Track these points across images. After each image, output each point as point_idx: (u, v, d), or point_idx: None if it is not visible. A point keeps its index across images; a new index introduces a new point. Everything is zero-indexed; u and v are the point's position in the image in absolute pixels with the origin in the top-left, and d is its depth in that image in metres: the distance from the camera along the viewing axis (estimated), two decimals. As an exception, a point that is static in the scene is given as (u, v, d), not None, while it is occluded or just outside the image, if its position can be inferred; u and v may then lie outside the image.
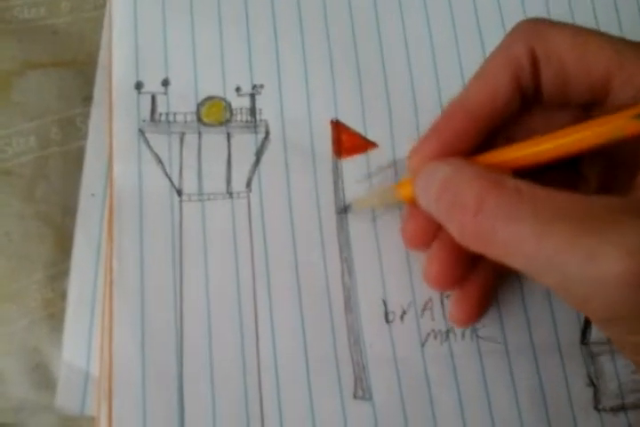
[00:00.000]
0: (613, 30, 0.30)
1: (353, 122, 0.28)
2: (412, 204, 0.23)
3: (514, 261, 0.19)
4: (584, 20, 0.30)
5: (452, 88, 0.29)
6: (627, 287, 0.17)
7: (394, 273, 0.26)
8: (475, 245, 0.20)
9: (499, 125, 0.23)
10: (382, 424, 0.24)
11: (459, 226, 0.20)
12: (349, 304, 0.26)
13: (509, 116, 0.23)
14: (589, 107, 0.22)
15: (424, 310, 0.26)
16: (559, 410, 0.25)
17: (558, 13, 0.30)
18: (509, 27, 0.23)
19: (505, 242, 0.19)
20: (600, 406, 0.26)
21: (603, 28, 0.22)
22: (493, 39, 0.29)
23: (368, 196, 0.27)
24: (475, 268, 0.24)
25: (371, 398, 0.25)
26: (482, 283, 0.24)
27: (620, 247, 0.16)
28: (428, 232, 0.24)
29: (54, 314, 0.26)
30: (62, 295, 0.26)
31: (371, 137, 0.28)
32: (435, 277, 0.24)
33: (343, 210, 0.26)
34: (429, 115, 0.28)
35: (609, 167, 0.23)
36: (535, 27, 0.22)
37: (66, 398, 0.25)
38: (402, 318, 0.26)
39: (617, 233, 0.17)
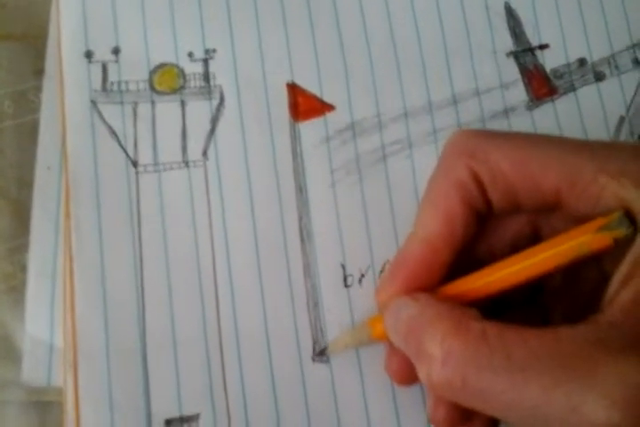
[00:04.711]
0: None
1: (309, 84, 0.27)
2: (389, 340, 0.22)
3: (490, 410, 0.18)
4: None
5: (409, 46, 0.28)
6: None
7: (352, 237, 0.26)
8: (446, 395, 0.19)
9: (461, 249, 0.22)
10: (339, 386, 0.25)
11: (427, 375, 0.19)
12: (308, 269, 0.26)
13: (469, 239, 0.22)
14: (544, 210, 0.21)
15: (382, 272, 0.26)
16: None
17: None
18: None
19: (477, 392, 0.18)
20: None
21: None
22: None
23: (343, 336, 0.25)
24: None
25: (328, 361, 0.25)
26: (488, 419, 0.22)
27: (603, 396, 0.16)
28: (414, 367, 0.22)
29: (15, 287, 0.26)
30: (22, 268, 0.26)
31: (327, 99, 0.27)
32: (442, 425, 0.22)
33: (320, 353, 0.25)
34: (386, 75, 0.28)
35: (570, 276, 0.22)
36: (471, 145, 0.21)
37: (31, 371, 0.25)
38: (360, 281, 0.26)
39: (596, 379, 0.16)
